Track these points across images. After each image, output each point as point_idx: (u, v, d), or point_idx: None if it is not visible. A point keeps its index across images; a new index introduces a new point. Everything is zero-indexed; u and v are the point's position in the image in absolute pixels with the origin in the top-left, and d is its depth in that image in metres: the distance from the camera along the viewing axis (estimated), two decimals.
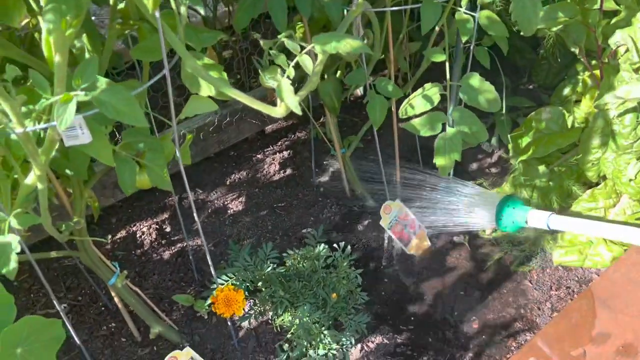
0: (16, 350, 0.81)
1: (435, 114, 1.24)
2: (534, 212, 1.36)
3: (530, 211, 1.37)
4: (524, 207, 1.38)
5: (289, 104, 0.93)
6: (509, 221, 1.39)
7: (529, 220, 1.36)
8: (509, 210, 1.38)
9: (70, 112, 0.73)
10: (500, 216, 1.40)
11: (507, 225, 1.41)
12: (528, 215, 1.36)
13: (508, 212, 1.38)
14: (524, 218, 1.36)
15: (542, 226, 1.34)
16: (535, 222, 1.35)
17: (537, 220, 1.34)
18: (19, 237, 0.88)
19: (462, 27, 1.20)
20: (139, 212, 1.80)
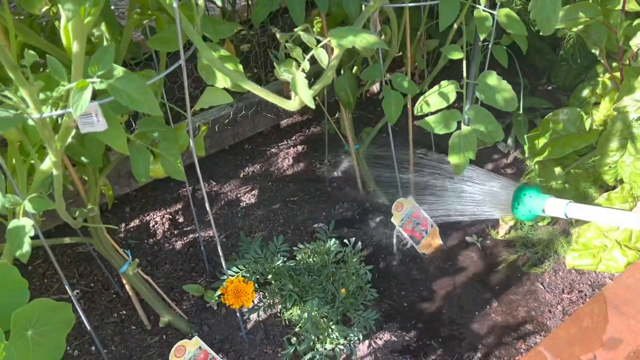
0: (27, 332, 0.82)
1: (450, 112, 1.23)
2: (552, 200, 1.31)
3: (548, 199, 1.32)
4: (542, 195, 1.34)
5: (303, 98, 0.93)
6: (526, 210, 1.35)
7: (546, 208, 1.31)
8: (526, 199, 1.35)
9: (85, 99, 0.73)
10: (516, 204, 1.37)
11: (523, 213, 1.37)
12: (546, 203, 1.31)
13: (525, 200, 1.35)
14: (541, 206, 1.32)
15: (560, 215, 1.30)
16: (553, 211, 1.30)
17: (555, 209, 1.30)
18: (34, 221, 0.90)
19: (481, 24, 1.19)
20: (152, 202, 1.82)
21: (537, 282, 1.56)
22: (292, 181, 1.93)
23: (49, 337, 0.86)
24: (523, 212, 1.37)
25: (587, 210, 1.26)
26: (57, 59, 0.87)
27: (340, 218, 1.77)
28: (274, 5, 1.25)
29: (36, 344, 0.84)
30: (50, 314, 0.86)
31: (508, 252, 1.64)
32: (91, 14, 0.83)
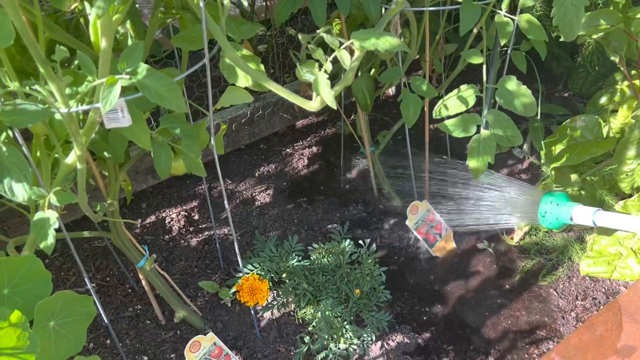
0: (49, 323, 0.84)
1: (469, 116, 1.23)
2: (580, 208, 1.29)
3: (575, 207, 1.30)
4: (569, 203, 1.32)
5: (325, 98, 0.93)
6: (553, 218, 1.33)
7: (574, 216, 1.29)
8: (553, 207, 1.33)
9: (114, 95, 0.75)
10: (543, 213, 1.35)
11: (551, 222, 1.35)
12: (573, 211, 1.30)
13: (551, 208, 1.33)
14: (568, 214, 1.30)
15: (588, 223, 1.27)
16: (581, 219, 1.28)
17: (583, 217, 1.28)
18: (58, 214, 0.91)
19: (502, 30, 1.19)
20: (168, 199, 1.83)
21: (551, 288, 1.56)
22: (307, 182, 1.94)
23: (70, 328, 0.88)
24: (550, 221, 1.34)
25: (616, 218, 1.24)
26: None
27: (354, 219, 1.78)
28: (296, 5, 1.26)
29: (58, 335, 0.86)
30: (73, 306, 0.88)
31: (522, 258, 1.64)
32: (119, 11, 0.85)
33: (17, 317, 0.72)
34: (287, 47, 2.15)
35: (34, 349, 0.74)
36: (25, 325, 0.74)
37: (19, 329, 0.73)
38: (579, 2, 1.10)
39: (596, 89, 2.00)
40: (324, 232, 1.73)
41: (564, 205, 1.32)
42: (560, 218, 1.32)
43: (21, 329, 0.73)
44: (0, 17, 0.72)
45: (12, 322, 0.72)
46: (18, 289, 0.83)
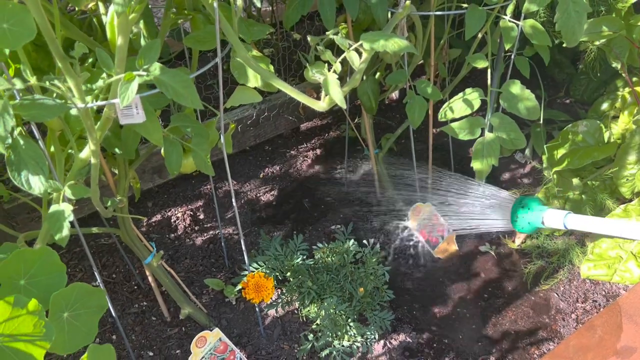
0: (63, 314, 0.86)
1: (474, 119, 1.25)
2: (551, 211, 1.30)
3: (546, 211, 1.31)
4: (540, 207, 1.33)
5: (335, 98, 0.96)
6: (525, 222, 1.34)
7: (545, 220, 1.30)
8: (524, 212, 1.34)
9: (132, 90, 0.77)
10: (515, 217, 1.36)
11: (523, 226, 1.35)
12: (544, 215, 1.30)
13: (523, 212, 1.34)
14: (539, 218, 1.31)
15: (559, 226, 1.28)
16: (552, 222, 1.29)
17: (554, 220, 1.28)
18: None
19: (507, 34, 1.22)
20: (174, 199, 1.85)
21: (552, 291, 1.58)
22: (311, 183, 1.96)
23: (83, 320, 0.89)
24: (522, 225, 1.35)
25: (586, 221, 1.25)
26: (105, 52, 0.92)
27: (358, 220, 1.80)
28: (306, 9, 1.29)
29: (71, 326, 0.87)
30: (86, 299, 0.89)
31: (523, 260, 1.66)
32: (135, 10, 0.87)
33: (34, 306, 0.74)
34: (292, 51, 2.18)
35: (50, 337, 0.76)
36: (42, 313, 0.76)
37: (36, 317, 0.75)
38: (582, 9, 1.12)
39: (598, 95, 2.03)
40: (327, 233, 1.74)
41: (535, 209, 1.32)
42: (532, 222, 1.33)
43: (38, 317, 0.75)
44: (23, 13, 0.75)
45: (29, 310, 0.74)
46: (34, 280, 0.85)
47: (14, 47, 0.76)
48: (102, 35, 1.17)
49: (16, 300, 0.73)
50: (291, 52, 2.21)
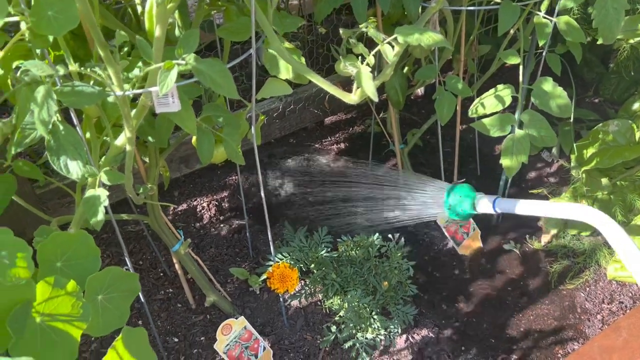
0: (98, 297, 0.88)
1: (505, 115, 1.25)
2: (481, 197, 1.29)
3: (477, 196, 1.30)
4: (471, 194, 1.31)
5: (368, 90, 0.96)
6: (458, 209, 1.33)
7: (477, 206, 1.29)
8: (456, 199, 1.32)
9: (171, 79, 0.78)
10: (448, 206, 1.35)
11: (457, 213, 1.34)
12: (475, 201, 1.29)
13: (455, 200, 1.32)
14: (471, 205, 1.30)
15: (490, 210, 1.27)
16: (484, 208, 1.28)
17: (485, 206, 1.27)
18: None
19: (541, 31, 1.21)
20: (200, 188, 1.88)
21: (577, 291, 1.56)
22: (335, 177, 1.96)
23: (116, 303, 0.91)
24: (456, 212, 1.34)
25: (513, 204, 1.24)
26: (131, 42, 0.94)
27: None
28: (338, 2, 1.29)
29: (104, 309, 0.89)
30: (119, 282, 0.91)
31: (548, 260, 1.65)
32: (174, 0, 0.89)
33: (72, 287, 0.76)
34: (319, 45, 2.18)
35: (87, 317, 0.78)
36: (80, 294, 0.78)
37: (74, 298, 0.77)
38: (620, 6, 1.11)
39: (628, 95, 2.00)
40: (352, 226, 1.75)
41: (466, 196, 1.31)
42: (465, 209, 1.32)
43: (76, 298, 0.77)
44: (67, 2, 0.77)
45: (68, 291, 0.76)
46: (70, 262, 0.87)
47: (58, 34, 0.78)
48: (136, 25, 1.19)
49: (56, 281, 0.75)
50: (318, 45, 2.21)
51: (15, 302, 0.72)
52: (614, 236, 1.03)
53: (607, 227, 1.05)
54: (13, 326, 0.70)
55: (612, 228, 1.04)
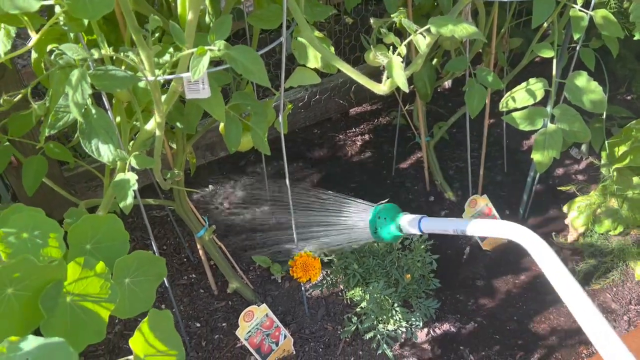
0: (125, 280, 0.89)
1: (536, 109, 1.22)
2: (406, 217, 1.24)
3: (402, 218, 1.25)
4: (396, 215, 1.26)
5: (398, 81, 0.95)
6: (384, 232, 1.28)
7: (402, 227, 1.24)
8: (381, 222, 1.27)
9: (203, 65, 0.78)
10: (374, 229, 1.29)
11: (383, 237, 1.29)
12: (401, 222, 1.24)
13: (380, 223, 1.28)
14: (397, 226, 1.25)
15: (416, 231, 1.22)
16: (410, 229, 1.23)
17: (410, 226, 1.22)
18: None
19: (576, 24, 1.18)
20: (223, 176, 1.89)
21: (604, 291, 1.54)
22: (358, 168, 1.96)
23: (142, 287, 0.92)
24: (382, 235, 1.28)
25: (438, 223, 1.20)
26: (163, 28, 0.94)
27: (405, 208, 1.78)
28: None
29: (131, 292, 0.90)
30: (146, 266, 0.92)
31: (575, 258, 1.62)
32: None
33: (101, 268, 0.77)
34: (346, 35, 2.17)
35: (114, 299, 0.79)
36: (108, 276, 0.79)
37: (102, 279, 0.78)
38: None
39: None
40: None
41: (392, 217, 1.26)
42: (391, 232, 1.26)
43: (104, 279, 0.78)
44: None
45: (97, 272, 0.77)
46: (99, 245, 0.88)
47: (94, 18, 0.78)
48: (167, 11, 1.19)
49: (86, 262, 0.76)
50: (345, 36, 2.20)
51: (47, 282, 0.73)
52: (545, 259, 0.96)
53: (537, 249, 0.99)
54: (45, 304, 0.71)
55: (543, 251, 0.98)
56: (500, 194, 1.83)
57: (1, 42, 0.94)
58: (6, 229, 0.73)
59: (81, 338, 0.76)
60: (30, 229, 0.76)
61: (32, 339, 0.56)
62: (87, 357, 1.36)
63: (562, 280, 0.92)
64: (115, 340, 1.40)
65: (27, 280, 0.71)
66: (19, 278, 0.69)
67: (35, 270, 0.71)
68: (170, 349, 0.81)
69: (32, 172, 1.15)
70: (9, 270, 0.69)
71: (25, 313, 0.71)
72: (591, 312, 0.87)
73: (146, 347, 0.77)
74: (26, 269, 0.70)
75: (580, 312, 0.89)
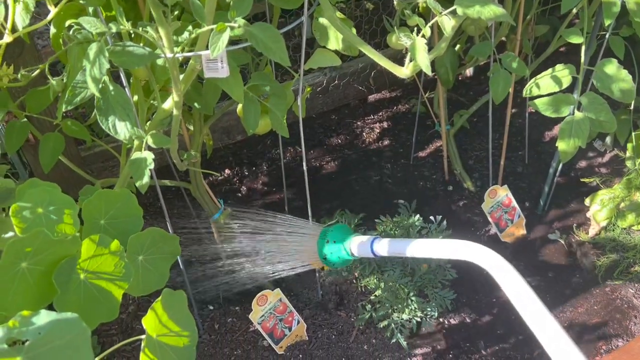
0: (138, 257, 0.88)
1: (563, 96, 1.19)
2: (357, 238, 1.12)
3: (352, 240, 1.12)
4: (346, 237, 1.14)
5: (422, 63, 0.92)
6: (335, 257, 1.16)
7: (353, 250, 1.13)
8: (331, 246, 1.15)
9: (223, 41, 0.77)
10: (323, 256, 1.17)
11: (334, 262, 1.17)
12: (351, 245, 1.12)
13: (330, 248, 1.16)
14: (348, 250, 1.13)
15: (368, 254, 1.11)
16: (361, 251, 1.12)
17: (362, 248, 1.11)
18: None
19: (608, 10, 1.14)
20: (240, 160, 1.87)
21: (625, 286, 1.50)
22: (376, 155, 1.93)
23: (156, 264, 0.92)
24: (333, 261, 1.17)
25: (394, 243, 1.08)
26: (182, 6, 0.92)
27: (423, 197, 1.76)
28: None
29: (145, 269, 0.90)
30: (161, 244, 0.91)
31: (595, 252, 1.58)
32: None
33: (116, 246, 0.77)
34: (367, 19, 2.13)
35: (128, 277, 0.79)
36: (122, 254, 0.78)
37: (117, 257, 0.77)
38: None
39: None
40: (390, 207, 1.72)
41: (342, 240, 1.14)
42: (341, 256, 1.15)
43: (119, 257, 0.77)
44: None
45: (111, 250, 0.76)
46: (113, 221, 0.87)
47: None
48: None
49: (100, 240, 0.75)
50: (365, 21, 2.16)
51: (60, 257, 0.72)
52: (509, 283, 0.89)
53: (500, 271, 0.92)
54: (59, 280, 0.70)
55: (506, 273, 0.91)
56: (521, 185, 1.80)
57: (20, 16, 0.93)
58: (21, 203, 0.72)
59: (94, 315, 0.76)
60: (45, 204, 0.75)
61: (44, 313, 0.55)
62: (100, 336, 1.36)
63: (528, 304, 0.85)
64: (129, 321, 1.40)
65: (41, 255, 0.70)
66: (33, 252, 0.69)
67: (50, 245, 0.70)
68: (183, 329, 0.80)
69: (49, 149, 1.14)
70: (24, 244, 0.68)
71: (39, 288, 0.71)
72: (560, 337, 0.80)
73: (159, 326, 0.76)
74: (41, 243, 0.69)
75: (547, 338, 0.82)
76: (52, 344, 0.54)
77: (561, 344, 0.79)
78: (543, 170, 1.80)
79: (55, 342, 0.55)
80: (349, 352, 1.34)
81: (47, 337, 0.54)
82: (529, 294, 0.86)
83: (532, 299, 0.85)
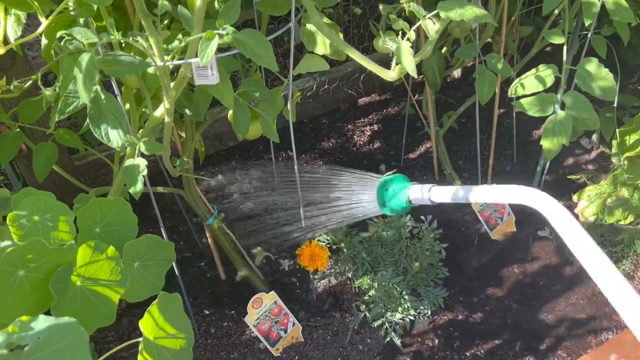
0: (134, 264, 0.90)
1: (546, 95, 1.21)
2: (415, 187, 1.22)
3: (411, 188, 1.22)
4: (405, 185, 1.24)
5: (407, 66, 0.95)
6: (393, 204, 1.25)
7: (411, 197, 1.22)
8: (390, 193, 1.25)
9: (212, 48, 0.78)
10: (382, 200, 1.27)
11: (392, 208, 1.26)
12: (410, 192, 1.22)
13: (388, 195, 1.25)
14: (406, 197, 1.23)
15: (425, 201, 1.20)
16: (419, 199, 1.21)
17: (420, 195, 1.20)
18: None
19: (587, 10, 1.16)
20: (232, 166, 1.89)
21: None
22: (367, 158, 1.95)
23: (151, 271, 0.93)
24: (391, 207, 1.27)
25: (447, 192, 1.17)
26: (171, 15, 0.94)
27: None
28: None
29: (140, 276, 0.91)
30: (155, 250, 0.93)
31: None
32: None
33: (112, 252, 0.78)
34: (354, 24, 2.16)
35: (124, 283, 0.80)
36: (119, 260, 0.79)
37: (112, 263, 0.78)
38: None
39: None
40: None
41: (400, 188, 1.24)
42: (400, 202, 1.24)
43: (115, 263, 0.78)
44: None
45: (108, 255, 0.77)
46: (108, 229, 0.89)
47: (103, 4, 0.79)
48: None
49: (96, 246, 0.76)
50: (353, 26, 2.19)
51: (57, 265, 0.73)
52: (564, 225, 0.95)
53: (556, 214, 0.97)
54: (56, 287, 0.72)
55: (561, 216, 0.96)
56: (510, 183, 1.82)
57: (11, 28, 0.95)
58: (18, 212, 0.74)
59: (91, 321, 0.77)
60: (41, 211, 0.76)
61: (42, 318, 0.57)
62: (97, 343, 1.37)
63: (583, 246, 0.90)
64: (126, 328, 1.41)
65: (38, 263, 0.71)
66: (30, 260, 0.70)
67: (47, 253, 0.71)
68: (180, 332, 0.81)
69: (43, 159, 1.16)
70: (21, 253, 0.69)
71: (37, 295, 0.72)
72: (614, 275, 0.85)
73: (156, 329, 0.77)
74: (37, 252, 0.71)
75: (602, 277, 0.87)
76: (51, 348, 0.56)
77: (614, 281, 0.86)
78: (531, 168, 1.82)
79: (54, 346, 0.56)
80: (345, 352, 1.36)
81: (46, 342, 0.56)
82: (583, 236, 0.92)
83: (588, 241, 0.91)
